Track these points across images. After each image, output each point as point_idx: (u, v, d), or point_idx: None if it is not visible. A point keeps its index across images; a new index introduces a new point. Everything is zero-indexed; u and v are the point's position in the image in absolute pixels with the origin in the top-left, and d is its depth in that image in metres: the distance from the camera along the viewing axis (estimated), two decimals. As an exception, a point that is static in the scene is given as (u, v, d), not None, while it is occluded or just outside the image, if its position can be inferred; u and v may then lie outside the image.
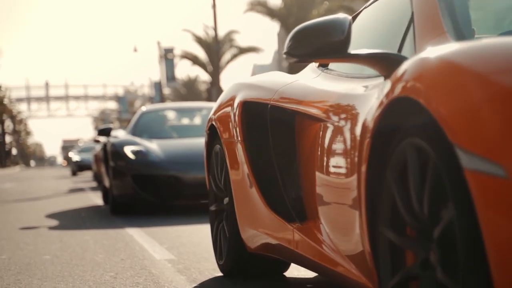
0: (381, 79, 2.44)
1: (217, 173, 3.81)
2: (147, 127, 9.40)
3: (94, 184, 18.22)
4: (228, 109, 3.58)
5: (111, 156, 8.46)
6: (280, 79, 3.37)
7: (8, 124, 70.97)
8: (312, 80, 3.15)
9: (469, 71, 1.67)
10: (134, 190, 8.07)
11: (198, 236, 5.79)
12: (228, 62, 41.80)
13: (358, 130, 2.32)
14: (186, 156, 8.21)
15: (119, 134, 9.27)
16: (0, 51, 46.65)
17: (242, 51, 42.13)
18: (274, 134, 3.17)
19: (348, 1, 26.00)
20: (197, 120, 10.01)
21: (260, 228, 3.27)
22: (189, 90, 56.98)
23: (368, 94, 2.41)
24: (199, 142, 8.26)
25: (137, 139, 8.70)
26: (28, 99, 77.41)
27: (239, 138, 3.39)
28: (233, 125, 3.46)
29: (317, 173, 2.73)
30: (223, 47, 40.64)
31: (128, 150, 8.31)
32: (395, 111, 2.00)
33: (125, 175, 8.17)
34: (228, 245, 3.62)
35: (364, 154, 2.17)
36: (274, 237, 3.14)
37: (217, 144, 3.77)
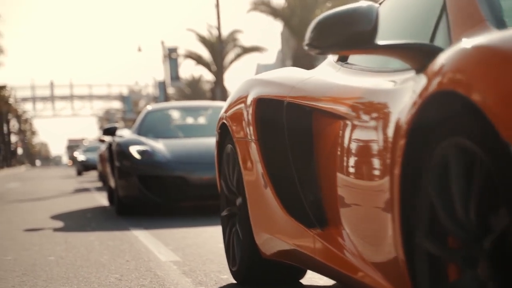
0: (412, 73, 2.23)
1: (229, 174, 3.58)
2: (152, 127, 9.20)
3: (100, 184, 18.20)
4: (241, 106, 3.36)
5: (117, 156, 8.29)
6: (297, 75, 3.15)
7: (14, 124, 71.11)
8: (332, 75, 2.93)
9: None
10: (140, 191, 7.89)
11: (203, 237, 5.76)
12: (231, 61, 41.78)
13: (389, 129, 2.11)
14: (193, 156, 8.03)
15: (125, 133, 9.08)
16: (3, 50, 46.63)
17: (246, 50, 42.08)
18: (291, 133, 2.96)
19: (351, 1, 25.97)
20: (204, 120, 9.80)
21: (276, 233, 3.05)
22: (193, 90, 56.99)
23: (398, 89, 2.21)
24: (206, 141, 8.14)
25: (143, 139, 8.51)
26: (33, 99, 77.50)
27: (253, 137, 3.18)
28: (247, 124, 3.25)
29: (339, 175, 2.52)
30: (226, 46, 40.60)
31: (134, 150, 8.13)
32: (433, 107, 1.82)
33: (131, 175, 8.00)
34: (241, 251, 3.41)
35: (397, 154, 1.98)
36: (291, 242, 2.93)
37: (229, 144, 3.54)
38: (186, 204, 8.35)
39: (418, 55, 2.20)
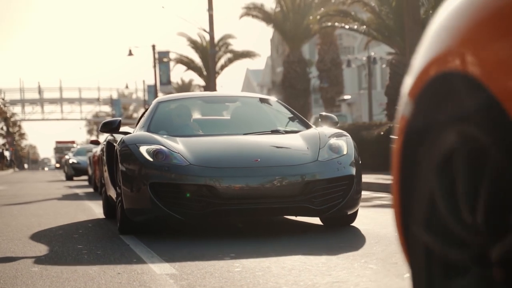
0: None
1: (462, 200, 1.45)
2: (165, 122, 7.26)
3: (91, 189, 17.72)
4: None
5: (122, 158, 6.33)
6: None
7: (1, 126, 70.51)
8: None
9: None
10: (153, 203, 5.97)
11: (199, 247, 5.37)
12: (223, 66, 41.49)
13: None
14: (222, 159, 6.15)
15: (130, 130, 7.41)
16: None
17: (237, 56, 41.81)
18: None
19: (345, 6, 25.65)
20: (229, 114, 7.81)
21: None
22: (184, 94, 56.75)
23: None
24: (236, 140, 6.55)
25: (156, 136, 6.56)
26: (22, 102, 76.91)
27: None
28: None
29: None
30: (218, 51, 40.27)
31: (144, 150, 6.20)
32: None
33: (140, 183, 6.07)
34: None
35: None
36: None
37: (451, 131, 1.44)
38: (212, 221, 6.53)
39: None
